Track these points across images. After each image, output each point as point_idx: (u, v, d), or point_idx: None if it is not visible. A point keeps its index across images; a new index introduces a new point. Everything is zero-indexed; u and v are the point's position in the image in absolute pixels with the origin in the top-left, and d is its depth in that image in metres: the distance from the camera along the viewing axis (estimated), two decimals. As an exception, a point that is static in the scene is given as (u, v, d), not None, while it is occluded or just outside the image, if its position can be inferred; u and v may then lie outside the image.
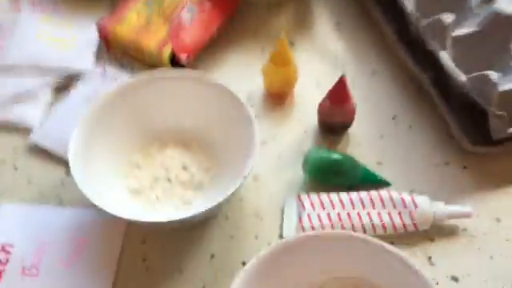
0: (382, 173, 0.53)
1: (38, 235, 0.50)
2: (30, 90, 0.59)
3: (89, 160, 0.49)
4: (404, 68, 0.60)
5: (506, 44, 0.53)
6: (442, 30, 0.54)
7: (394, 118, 0.58)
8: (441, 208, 0.49)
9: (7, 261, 0.48)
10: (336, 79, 0.52)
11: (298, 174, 0.53)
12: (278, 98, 0.60)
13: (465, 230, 0.50)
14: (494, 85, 0.48)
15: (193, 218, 0.45)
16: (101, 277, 0.48)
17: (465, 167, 0.54)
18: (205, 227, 0.51)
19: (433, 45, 0.54)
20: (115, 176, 0.52)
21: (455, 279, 0.48)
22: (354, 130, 0.57)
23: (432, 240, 0.50)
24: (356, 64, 0.62)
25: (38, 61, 0.60)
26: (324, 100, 0.54)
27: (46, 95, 0.59)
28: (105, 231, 0.50)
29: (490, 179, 0.53)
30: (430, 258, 0.49)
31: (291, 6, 0.68)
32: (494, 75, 0.47)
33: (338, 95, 0.52)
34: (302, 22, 0.67)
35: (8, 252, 0.48)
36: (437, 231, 0.50)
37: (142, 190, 0.52)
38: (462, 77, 0.51)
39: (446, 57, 0.53)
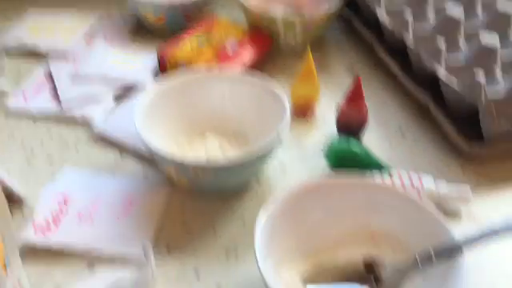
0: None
1: (94, 192, 0.55)
2: (96, 95, 0.68)
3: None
4: (409, 94, 0.69)
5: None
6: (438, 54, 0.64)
7: (400, 130, 0.65)
8: (443, 187, 0.54)
9: (66, 208, 0.53)
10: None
11: (320, 163, 0.59)
12: (301, 111, 0.67)
13: (466, 214, 0.55)
14: (482, 87, 0.55)
15: (235, 163, 0.50)
16: (144, 231, 0.52)
17: (463, 171, 0.59)
18: (237, 198, 0.56)
19: (430, 63, 0.63)
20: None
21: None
22: (368, 135, 0.63)
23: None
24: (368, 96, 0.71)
25: (106, 74, 0.70)
26: (342, 101, 0.61)
27: (108, 101, 0.68)
28: (151, 195, 0.55)
29: (486, 179, 0.59)
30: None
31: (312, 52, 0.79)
32: (482, 79, 0.55)
33: (354, 94, 0.59)
34: (320, 64, 0.77)
35: (67, 201, 0.53)
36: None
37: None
38: (455, 85, 0.59)
39: (442, 73, 0.61)
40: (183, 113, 0.60)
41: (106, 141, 0.63)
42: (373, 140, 0.63)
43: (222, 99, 0.61)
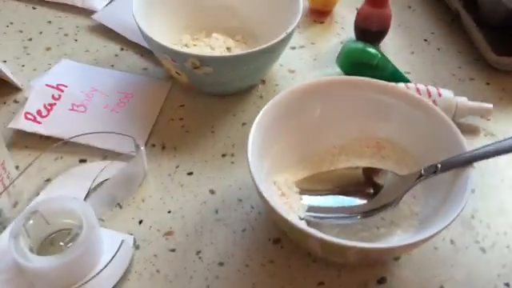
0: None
1: (91, 83, 0.52)
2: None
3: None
4: (436, 2, 0.62)
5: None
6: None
7: (425, 40, 0.59)
8: (463, 101, 0.49)
9: (59, 97, 0.50)
10: None
11: (333, 71, 0.55)
12: (319, 15, 0.62)
13: (484, 129, 0.50)
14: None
15: (255, 55, 0.46)
16: (141, 126, 0.49)
17: (488, 83, 0.54)
18: (239, 101, 0.52)
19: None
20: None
21: (471, 166, 0.48)
22: (387, 43, 0.58)
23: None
24: (396, 0, 0.65)
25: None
26: (363, 5, 0.55)
27: (113, -10, 0.63)
28: (150, 90, 0.52)
29: (510, 95, 0.54)
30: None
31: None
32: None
33: (377, -2, 0.53)
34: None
35: (61, 90, 0.51)
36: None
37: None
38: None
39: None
40: (188, 7, 0.55)
41: (106, 32, 0.59)
42: (394, 47, 0.58)
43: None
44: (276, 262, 0.41)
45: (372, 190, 0.41)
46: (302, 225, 0.35)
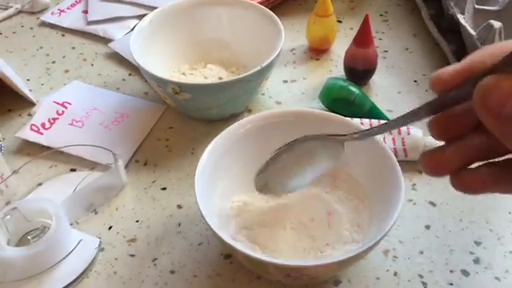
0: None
1: (93, 102, 0.58)
2: (121, 15, 0.70)
3: (146, 59, 0.56)
4: (434, 46, 0.64)
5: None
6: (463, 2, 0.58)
7: (415, 81, 0.61)
8: (432, 140, 0.50)
9: (63, 112, 0.56)
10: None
11: (317, 105, 0.57)
12: (316, 52, 0.65)
13: (454, 170, 0.51)
14: (498, 32, 0.49)
15: (228, 84, 0.50)
16: (129, 142, 0.54)
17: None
18: (224, 127, 0.55)
19: (454, 9, 0.57)
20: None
21: (433, 204, 0.48)
22: (377, 82, 0.60)
23: (420, 172, 0.51)
24: (393, 42, 0.67)
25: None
26: (350, 45, 0.58)
27: (133, 22, 0.70)
28: (145, 112, 0.57)
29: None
30: (414, 184, 0.50)
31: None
32: (497, 24, 0.49)
33: (362, 37, 0.56)
34: (355, 7, 0.73)
35: (65, 107, 0.57)
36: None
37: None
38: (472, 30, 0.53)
39: (464, 21, 0.56)
40: (187, 40, 0.60)
41: (119, 59, 0.65)
42: (382, 86, 0.60)
43: (220, 26, 0.60)
44: (223, 275, 0.43)
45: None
46: (230, 240, 0.38)
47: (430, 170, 0.31)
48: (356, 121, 0.51)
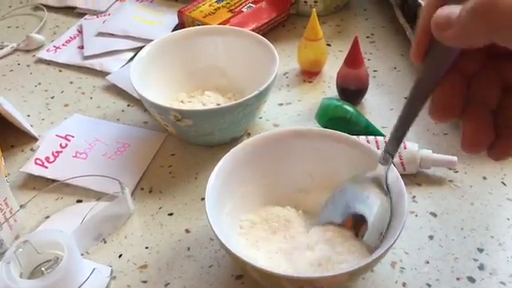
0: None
1: (95, 134, 0.59)
2: (116, 49, 0.72)
3: (145, 89, 0.58)
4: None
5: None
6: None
7: (405, 98, 0.62)
8: (428, 153, 0.52)
9: (66, 145, 0.57)
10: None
11: (313, 126, 0.59)
12: (308, 75, 0.67)
13: (451, 181, 0.52)
14: None
15: (229, 109, 0.51)
16: (133, 171, 0.55)
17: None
18: (225, 151, 0.57)
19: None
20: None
21: (434, 215, 0.50)
22: (369, 100, 0.62)
23: (419, 185, 0.52)
24: (382, 62, 0.69)
25: (130, 32, 0.73)
26: (341, 66, 0.60)
27: (128, 55, 0.71)
28: (146, 141, 0.58)
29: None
30: (414, 196, 0.51)
31: (334, 18, 0.77)
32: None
33: (353, 57, 0.58)
34: (342, 31, 0.76)
35: (69, 140, 0.58)
36: (425, 179, 0.53)
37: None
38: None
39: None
40: (183, 68, 0.62)
41: (117, 90, 0.67)
42: (374, 104, 0.62)
43: (215, 54, 0.62)
44: (235, 296, 0.44)
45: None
46: (240, 254, 0.38)
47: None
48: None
